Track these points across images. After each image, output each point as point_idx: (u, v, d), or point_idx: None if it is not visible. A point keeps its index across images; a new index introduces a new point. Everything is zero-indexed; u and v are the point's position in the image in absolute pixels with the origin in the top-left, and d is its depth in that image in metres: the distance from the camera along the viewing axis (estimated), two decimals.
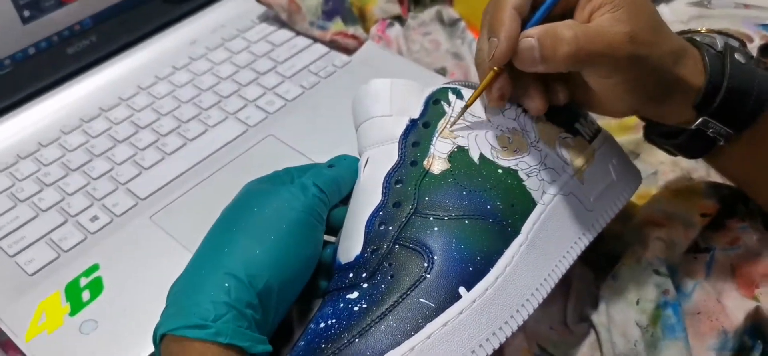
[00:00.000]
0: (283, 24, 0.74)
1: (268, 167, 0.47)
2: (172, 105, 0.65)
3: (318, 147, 0.58)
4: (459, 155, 0.43)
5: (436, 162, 0.42)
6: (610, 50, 0.39)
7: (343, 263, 0.41)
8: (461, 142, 0.43)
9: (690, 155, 0.47)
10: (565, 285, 0.50)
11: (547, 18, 0.41)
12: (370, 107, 0.45)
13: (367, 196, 0.42)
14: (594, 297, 0.48)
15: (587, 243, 0.44)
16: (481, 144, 0.43)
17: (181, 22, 0.75)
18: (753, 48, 0.70)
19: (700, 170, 0.57)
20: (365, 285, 0.39)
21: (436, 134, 0.43)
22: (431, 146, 0.43)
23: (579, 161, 0.46)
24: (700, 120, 0.43)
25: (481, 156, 0.43)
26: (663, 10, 0.78)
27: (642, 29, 0.40)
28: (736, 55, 0.44)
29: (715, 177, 0.55)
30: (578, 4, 0.42)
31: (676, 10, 0.78)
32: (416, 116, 0.44)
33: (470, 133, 0.43)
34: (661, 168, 0.58)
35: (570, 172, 0.45)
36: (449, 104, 0.44)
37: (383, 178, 0.42)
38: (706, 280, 0.49)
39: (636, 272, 0.48)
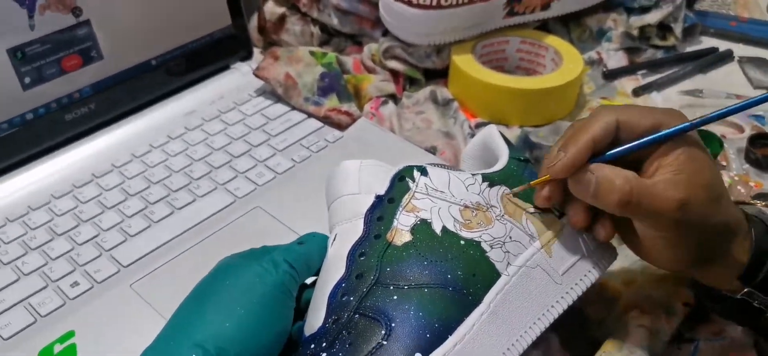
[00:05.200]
0: (279, 98, 0.75)
1: (252, 238, 0.47)
2: (164, 174, 0.66)
3: (304, 220, 0.58)
4: (422, 227, 0.43)
5: (399, 235, 0.43)
6: (658, 211, 0.41)
7: (307, 335, 0.41)
8: (424, 215, 0.44)
9: (738, 322, 0.49)
10: None
11: (621, 161, 0.43)
12: (339, 186, 0.46)
13: (333, 269, 0.43)
14: None
15: (555, 316, 0.44)
16: (444, 217, 0.44)
17: (180, 93, 0.76)
18: (743, 137, 0.71)
19: None
20: (324, 354, 0.39)
21: (400, 209, 0.44)
22: (395, 220, 0.44)
23: (547, 235, 0.46)
24: (745, 291, 0.44)
25: (444, 228, 0.43)
26: (656, 98, 0.79)
27: (696, 199, 0.41)
28: None
29: None
30: (651, 156, 0.43)
31: (668, 98, 0.79)
32: (382, 192, 0.45)
33: (433, 207, 0.44)
34: None
35: (537, 245, 0.45)
36: (414, 180, 0.46)
37: (348, 251, 0.43)
38: None
39: None
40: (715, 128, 0.71)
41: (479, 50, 0.80)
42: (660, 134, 0.43)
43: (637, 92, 0.80)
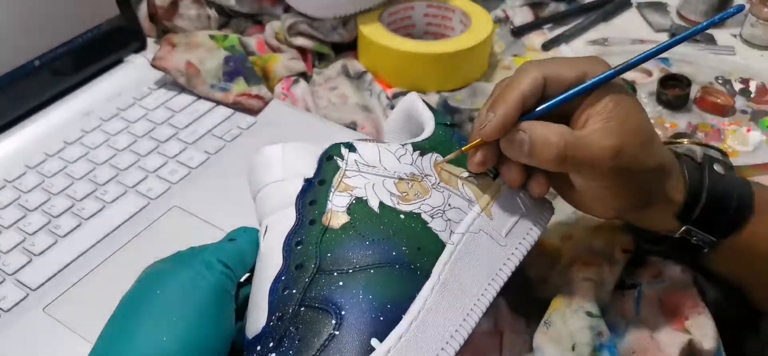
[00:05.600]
0: (182, 88, 0.70)
1: (173, 241, 0.43)
2: (65, 183, 0.60)
3: (227, 215, 0.54)
4: (358, 206, 0.41)
5: (335, 217, 0.41)
6: (593, 162, 0.41)
7: (250, 338, 0.39)
8: (359, 193, 0.42)
9: (678, 260, 0.49)
10: (496, 337, 0.49)
11: (549, 115, 0.43)
12: (263, 175, 0.44)
13: (268, 264, 0.40)
14: (529, 347, 0.47)
15: (504, 278, 0.43)
16: (380, 192, 0.42)
17: (72, 94, 0.70)
18: (653, 81, 0.72)
19: None
20: (273, 355, 0.37)
21: (333, 189, 0.42)
22: (328, 202, 0.42)
23: (485, 198, 0.45)
24: (683, 229, 0.45)
25: (381, 204, 0.42)
26: (564, 50, 0.80)
27: (630, 145, 0.41)
28: (715, 167, 0.46)
29: None
30: (580, 107, 0.43)
31: (576, 50, 0.80)
32: (311, 174, 0.43)
33: (367, 183, 0.43)
34: None
35: (477, 209, 0.44)
36: (343, 158, 0.44)
37: (283, 242, 0.41)
38: (637, 317, 0.49)
39: (568, 316, 0.46)
40: (625, 75, 0.72)
41: (386, 18, 0.78)
42: (587, 84, 0.42)
43: (546, 46, 0.80)
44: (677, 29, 0.83)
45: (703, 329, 0.48)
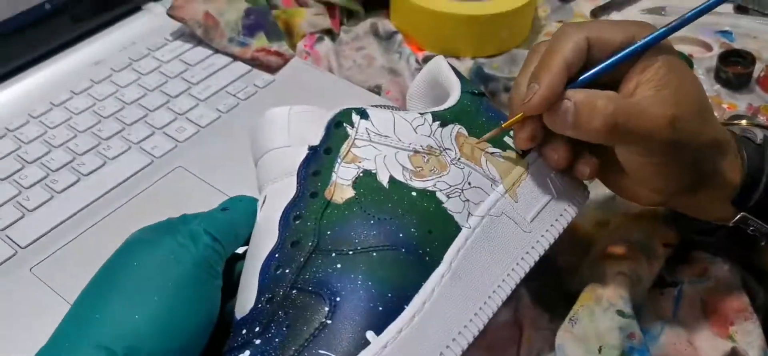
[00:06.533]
0: (200, 41, 0.67)
1: (174, 204, 0.41)
2: (67, 135, 0.57)
3: (233, 180, 0.51)
4: (365, 180, 0.38)
5: (339, 190, 0.37)
6: (649, 133, 0.38)
7: (238, 318, 0.36)
8: (368, 165, 0.38)
9: (729, 256, 0.46)
10: (515, 329, 0.44)
11: (595, 84, 0.39)
12: (266, 140, 0.40)
13: (264, 238, 0.37)
14: (550, 344, 0.43)
15: (526, 270, 0.39)
16: (391, 166, 0.39)
17: (84, 41, 0.67)
18: (713, 56, 0.66)
19: None
20: (258, 342, 0.34)
21: (339, 160, 0.39)
22: (333, 174, 0.38)
23: (511, 177, 0.41)
24: (739, 216, 0.41)
25: (391, 179, 0.38)
26: (615, 16, 0.74)
27: (686, 115, 0.38)
28: None
29: None
30: (627, 74, 0.39)
31: (629, 17, 0.74)
32: (316, 142, 0.39)
33: (378, 155, 0.39)
34: None
35: (500, 190, 0.40)
36: (353, 125, 0.40)
37: (280, 215, 0.37)
38: (675, 319, 0.45)
39: (597, 314, 0.42)
40: (682, 48, 0.66)
41: None
42: (636, 45, 0.39)
43: (596, 12, 0.75)
44: (743, 1, 0.76)
45: (749, 337, 0.43)
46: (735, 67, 0.64)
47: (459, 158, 0.40)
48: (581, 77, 0.39)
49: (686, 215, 0.44)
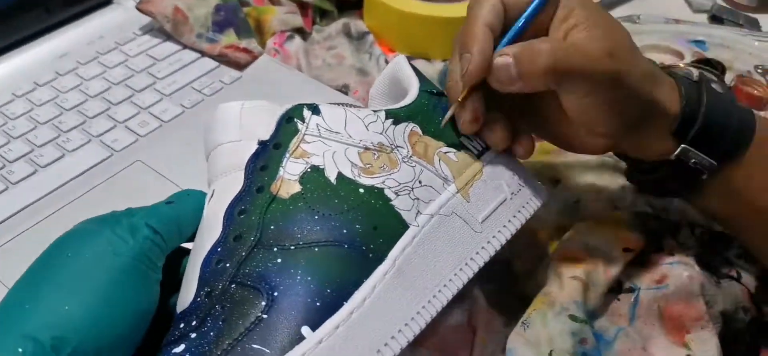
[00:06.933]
0: (169, 37, 0.66)
1: (130, 198, 0.40)
2: (27, 126, 0.56)
3: (192, 175, 0.49)
4: (312, 176, 0.37)
5: (286, 185, 0.37)
6: (590, 64, 0.38)
7: (178, 312, 0.35)
8: (316, 161, 0.38)
9: (673, 192, 0.46)
10: (469, 332, 0.44)
11: (519, 40, 0.40)
12: (217, 134, 0.39)
13: (208, 232, 0.36)
14: (503, 348, 0.42)
15: (475, 270, 0.39)
16: (340, 162, 0.38)
17: (54, 33, 0.66)
18: (684, 65, 0.66)
19: (626, 198, 0.51)
20: (193, 335, 0.33)
21: (287, 155, 0.38)
22: (281, 168, 0.37)
23: (464, 177, 0.40)
24: (680, 148, 0.41)
25: (339, 175, 0.37)
26: None
27: (620, 46, 0.40)
28: (713, 85, 0.43)
29: (642, 207, 0.49)
30: (551, 25, 0.41)
31: None
32: (266, 137, 0.39)
33: (327, 150, 0.38)
34: (585, 197, 0.52)
35: (452, 189, 0.40)
36: (303, 120, 0.39)
37: (225, 209, 0.36)
38: (631, 325, 0.44)
39: (549, 318, 0.42)
40: (655, 56, 0.65)
41: None
42: None
43: None
44: (718, 11, 0.76)
45: (705, 346, 0.43)
46: None
47: (411, 156, 0.40)
48: (506, 37, 0.40)
49: (630, 158, 0.45)
